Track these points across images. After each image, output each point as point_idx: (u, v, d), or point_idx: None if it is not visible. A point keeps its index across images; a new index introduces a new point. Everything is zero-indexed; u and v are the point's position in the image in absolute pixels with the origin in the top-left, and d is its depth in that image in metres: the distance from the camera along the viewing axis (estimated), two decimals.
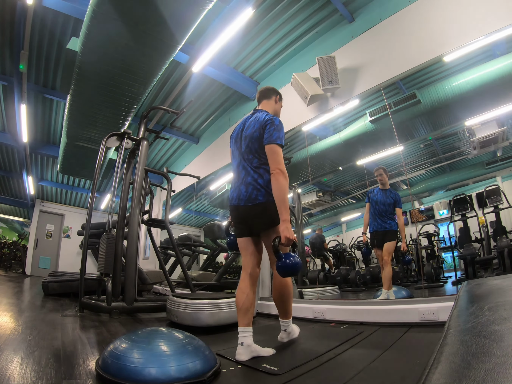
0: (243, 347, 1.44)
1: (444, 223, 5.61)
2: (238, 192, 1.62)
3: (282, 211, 1.44)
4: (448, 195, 5.79)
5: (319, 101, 3.33)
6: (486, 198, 3.80)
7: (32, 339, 1.62)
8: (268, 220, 1.52)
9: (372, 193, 3.18)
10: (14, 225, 12.42)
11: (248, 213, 1.58)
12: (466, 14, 2.36)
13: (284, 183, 1.47)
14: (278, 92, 1.91)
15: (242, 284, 1.59)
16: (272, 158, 1.52)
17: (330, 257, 5.85)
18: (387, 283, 2.79)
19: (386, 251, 2.92)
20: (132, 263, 2.90)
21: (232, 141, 1.81)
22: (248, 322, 1.50)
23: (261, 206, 1.53)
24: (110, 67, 3.12)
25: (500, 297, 0.79)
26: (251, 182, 1.57)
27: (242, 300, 1.53)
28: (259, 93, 1.88)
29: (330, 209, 6.69)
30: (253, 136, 1.62)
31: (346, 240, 6.40)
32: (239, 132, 1.75)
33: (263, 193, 1.53)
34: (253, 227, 1.60)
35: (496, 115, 3.71)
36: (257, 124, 1.63)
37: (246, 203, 1.56)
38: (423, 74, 3.42)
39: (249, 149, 1.63)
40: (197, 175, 4.13)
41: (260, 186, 1.54)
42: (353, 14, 3.21)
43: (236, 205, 1.62)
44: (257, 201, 1.53)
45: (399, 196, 3.07)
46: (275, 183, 1.47)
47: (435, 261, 4.64)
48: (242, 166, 1.66)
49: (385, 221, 3.01)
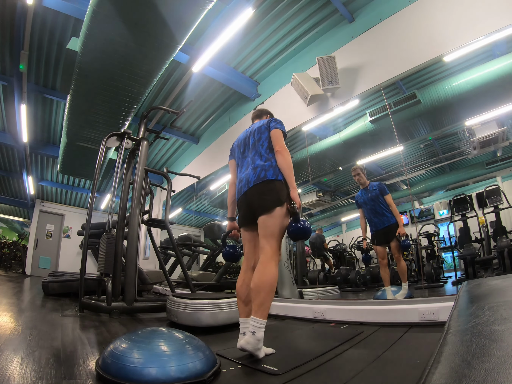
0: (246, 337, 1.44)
1: (444, 223, 5.61)
2: (247, 178, 1.69)
3: (291, 180, 1.60)
4: (448, 195, 5.79)
5: (319, 101, 3.33)
6: (486, 198, 3.79)
7: (32, 339, 1.62)
8: (274, 198, 1.57)
9: (358, 197, 3.15)
10: (14, 225, 12.42)
11: (256, 191, 1.63)
12: (466, 14, 2.36)
13: (288, 157, 1.65)
14: (270, 112, 2.07)
15: (244, 275, 1.63)
16: (277, 140, 1.70)
17: (330, 257, 5.84)
18: (405, 276, 2.87)
19: (395, 248, 2.89)
20: (132, 263, 2.90)
21: (235, 149, 1.92)
22: (249, 313, 1.49)
23: (269, 183, 1.61)
24: (110, 67, 3.12)
25: (500, 297, 0.79)
26: (259, 165, 1.68)
27: (246, 292, 1.56)
28: (253, 114, 2.06)
29: (330, 209, 6.69)
30: (261, 128, 1.79)
31: (346, 240, 6.40)
32: (244, 136, 1.89)
33: (271, 173, 1.63)
34: (258, 207, 1.60)
35: (496, 115, 3.71)
36: (262, 123, 1.82)
37: (255, 182, 1.64)
38: (423, 74, 3.42)
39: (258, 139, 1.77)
40: (197, 175, 4.13)
41: (268, 167, 1.65)
42: (353, 14, 3.21)
43: (245, 192, 1.68)
44: (266, 178, 1.62)
45: (383, 185, 3.02)
46: (281, 158, 1.64)
47: (435, 261, 4.63)
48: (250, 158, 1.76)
49: (381, 217, 2.95)
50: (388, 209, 2.95)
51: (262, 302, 1.40)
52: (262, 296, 1.41)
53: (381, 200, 2.97)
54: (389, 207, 2.95)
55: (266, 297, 1.42)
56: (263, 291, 1.42)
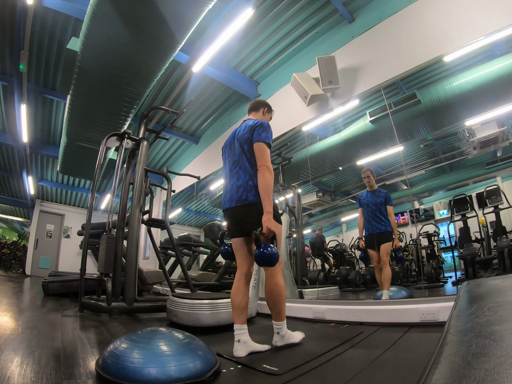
0: (240, 344, 1.50)
1: (444, 223, 5.61)
2: (230, 195, 1.70)
3: (266, 203, 1.54)
4: (448, 195, 5.79)
5: (319, 101, 3.33)
6: (486, 198, 3.80)
7: (32, 339, 1.62)
8: (257, 219, 1.55)
9: (362, 197, 3.20)
10: (14, 225, 12.42)
11: (239, 213, 1.65)
12: (466, 14, 2.36)
13: (269, 177, 1.58)
14: (267, 104, 1.99)
15: (238, 283, 1.65)
16: (259, 156, 1.63)
17: (330, 257, 5.85)
18: (387, 284, 2.80)
19: (384, 251, 2.92)
20: (132, 263, 2.90)
21: (224, 150, 1.91)
22: (243, 320, 1.57)
23: (251, 206, 1.60)
24: (110, 67, 3.12)
25: (500, 297, 0.79)
26: (242, 185, 1.65)
27: (239, 299, 1.60)
28: (250, 105, 1.99)
29: (330, 209, 6.70)
30: (243, 138, 1.72)
31: (346, 240, 6.41)
32: (232, 139, 1.85)
33: (253, 194, 1.61)
34: (244, 227, 1.65)
35: (496, 115, 3.71)
36: (247, 128, 1.73)
37: (237, 204, 1.64)
38: (423, 74, 3.42)
39: (241, 151, 1.72)
40: (197, 175, 4.13)
41: (250, 187, 1.62)
42: (353, 14, 3.21)
43: (228, 208, 1.70)
44: (247, 201, 1.61)
45: (389, 194, 3.08)
46: (261, 178, 1.58)
47: (435, 261, 4.64)
48: (234, 171, 1.74)
49: (379, 222, 3.01)
50: (387, 217, 3.02)
51: (278, 311, 1.60)
52: (278, 307, 1.60)
53: (383, 208, 3.04)
54: (389, 217, 3.02)
55: (280, 306, 1.60)
56: (276, 304, 1.60)
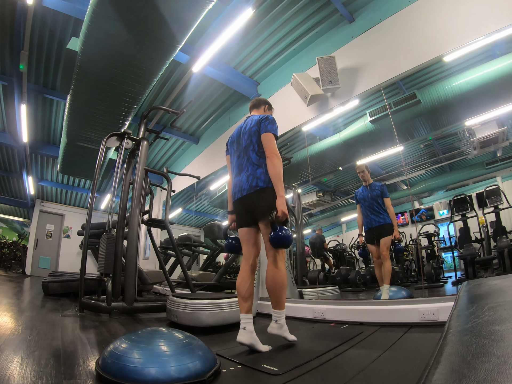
0: (245, 331, 1.54)
1: (444, 223, 5.60)
2: (240, 186, 1.75)
3: (278, 188, 1.62)
4: (448, 195, 5.78)
5: (319, 101, 3.33)
6: (486, 198, 3.80)
7: (32, 339, 1.62)
8: (268, 204, 1.62)
9: (358, 192, 3.24)
10: (14, 225, 12.42)
11: (252, 200, 1.70)
12: (466, 14, 2.36)
13: (278, 163, 1.66)
14: (268, 102, 2.06)
15: (243, 273, 1.71)
16: (268, 145, 1.70)
17: (330, 257, 5.85)
18: (388, 278, 2.82)
19: (384, 245, 2.91)
20: (132, 263, 2.90)
21: (229, 147, 1.97)
22: (249, 309, 1.62)
23: (263, 191, 1.66)
24: (110, 67, 3.12)
25: (500, 297, 0.79)
26: (251, 173, 1.72)
27: (245, 288, 1.65)
28: (251, 103, 2.06)
29: (330, 209, 6.69)
30: (252, 131, 1.78)
31: (346, 240, 6.40)
32: (237, 134, 1.90)
33: (262, 180, 1.68)
34: (257, 213, 1.69)
35: (496, 115, 3.71)
36: (254, 122, 1.81)
37: (249, 192, 1.70)
38: (423, 74, 3.41)
39: (248, 144, 1.78)
40: (197, 175, 4.13)
41: (259, 174, 1.69)
42: (353, 14, 3.21)
43: (240, 198, 1.75)
44: (258, 187, 1.67)
45: (385, 187, 3.10)
46: (271, 164, 1.66)
47: (435, 261, 4.63)
48: (243, 164, 1.79)
49: (378, 215, 3.01)
50: (385, 209, 3.03)
51: (277, 299, 1.63)
52: (277, 294, 1.63)
53: (380, 200, 3.05)
54: (387, 209, 3.02)
55: (280, 294, 1.63)
56: (277, 290, 1.62)
